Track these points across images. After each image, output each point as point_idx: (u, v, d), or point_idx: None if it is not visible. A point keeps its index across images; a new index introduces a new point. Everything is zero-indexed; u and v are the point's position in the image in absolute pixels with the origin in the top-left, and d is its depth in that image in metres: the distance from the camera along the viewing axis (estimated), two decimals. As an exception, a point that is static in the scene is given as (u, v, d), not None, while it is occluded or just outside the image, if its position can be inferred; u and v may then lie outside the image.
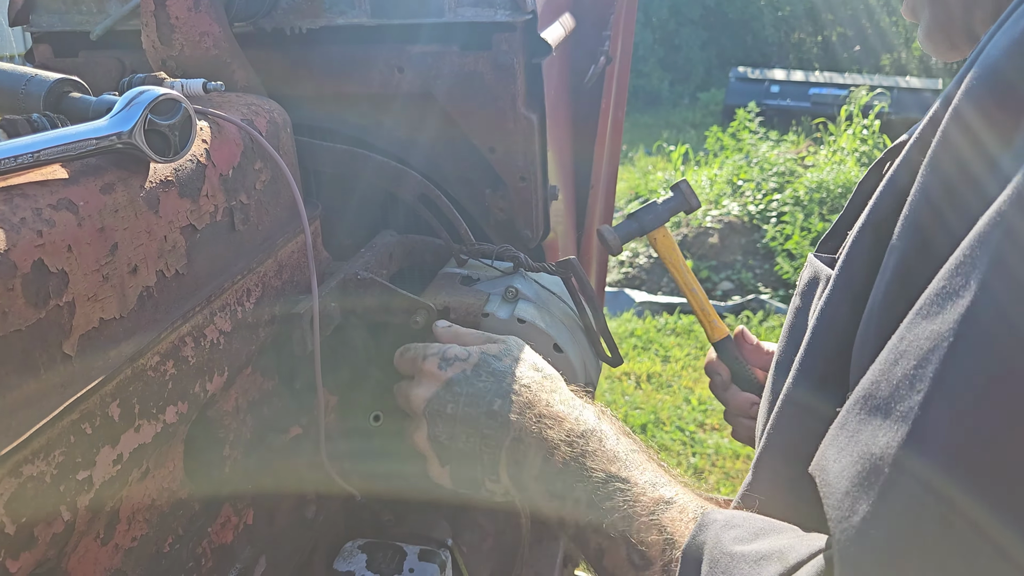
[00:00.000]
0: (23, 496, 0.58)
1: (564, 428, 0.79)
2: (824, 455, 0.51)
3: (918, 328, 0.45)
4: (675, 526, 0.67)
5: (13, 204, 0.60)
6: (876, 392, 0.47)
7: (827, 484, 0.49)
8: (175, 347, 0.75)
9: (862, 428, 0.47)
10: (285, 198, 0.96)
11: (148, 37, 1.02)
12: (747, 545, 0.59)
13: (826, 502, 0.49)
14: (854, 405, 0.49)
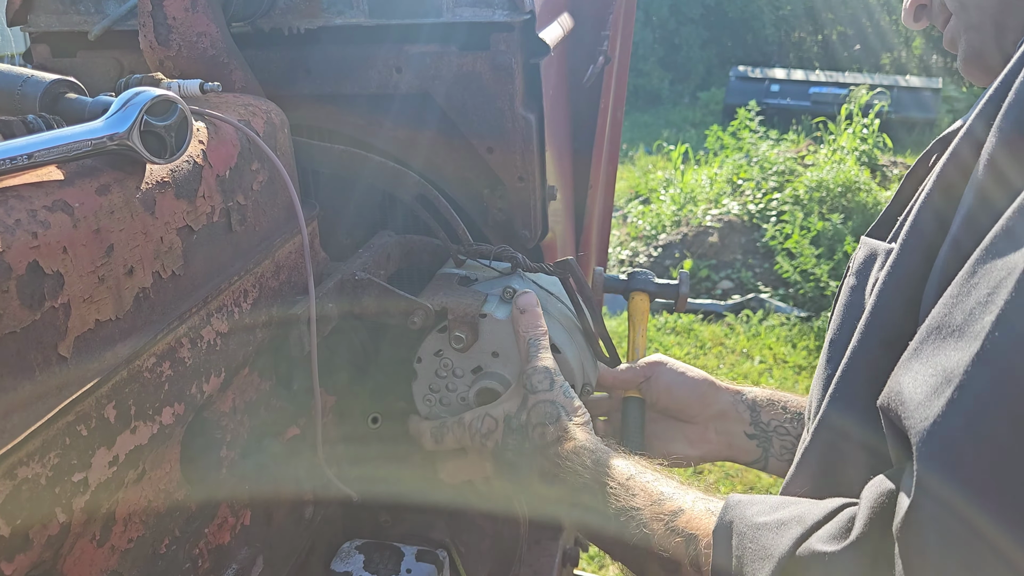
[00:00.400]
0: (18, 498, 0.58)
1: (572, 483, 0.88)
2: (897, 382, 0.57)
3: (989, 263, 0.51)
4: (691, 525, 0.74)
5: (8, 206, 0.60)
6: (949, 321, 0.54)
7: (902, 403, 0.55)
8: (171, 348, 0.75)
9: (936, 352, 0.54)
10: (282, 199, 0.96)
11: (145, 37, 1.02)
12: (769, 516, 0.65)
13: (903, 416, 0.54)
14: (927, 335, 0.56)
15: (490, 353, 1.06)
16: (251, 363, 0.92)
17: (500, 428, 0.96)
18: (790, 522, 0.62)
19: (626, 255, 6.25)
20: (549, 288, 1.17)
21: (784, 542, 0.61)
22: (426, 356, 1.09)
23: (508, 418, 0.96)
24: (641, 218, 6.71)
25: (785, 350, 4.87)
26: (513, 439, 0.95)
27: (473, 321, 1.05)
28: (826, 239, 5.83)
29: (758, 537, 0.64)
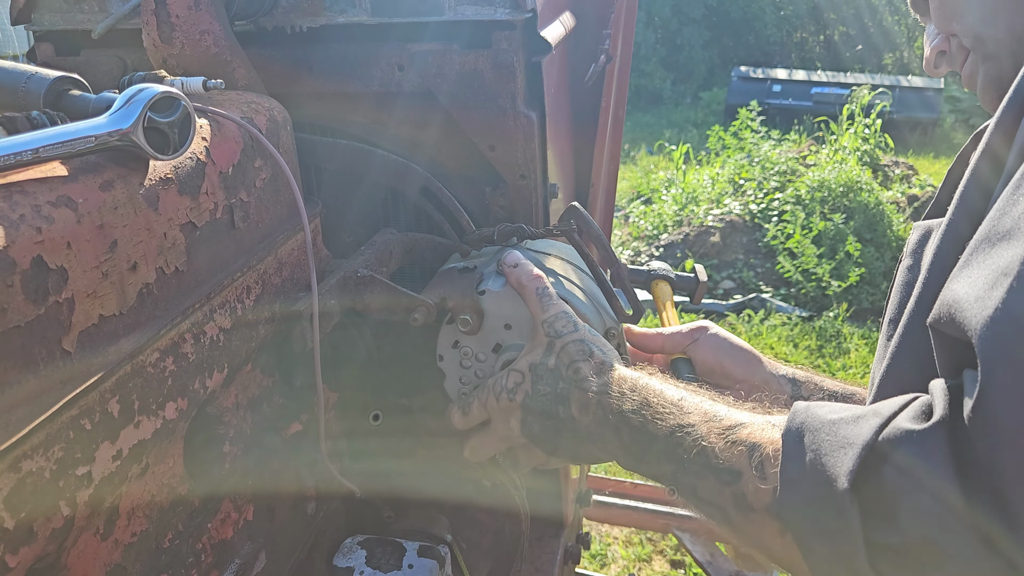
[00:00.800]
0: (22, 491, 0.58)
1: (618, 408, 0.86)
2: (950, 290, 0.58)
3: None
4: (754, 436, 0.73)
5: (12, 201, 0.61)
6: (998, 228, 0.56)
7: (958, 304, 0.56)
8: (175, 344, 0.76)
9: (987, 258, 0.56)
10: (285, 196, 0.97)
11: (149, 35, 1.03)
12: (841, 413, 0.65)
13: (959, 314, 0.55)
14: (978, 244, 0.58)
15: (503, 327, 1.06)
16: (254, 359, 0.92)
17: (528, 378, 0.95)
18: (866, 415, 0.62)
19: (628, 255, 6.25)
20: (547, 250, 1.16)
21: (865, 431, 0.60)
22: (445, 352, 1.09)
23: (534, 367, 0.95)
24: (643, 218, 6.72)
25: (787, 350, 4.87)
26: (544, 384, 0.93)
27: (473, 302, 1.05)
28: (828, 239, 5.83)
29: (835, 430, 0.63)
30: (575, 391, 0.91)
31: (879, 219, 6.07)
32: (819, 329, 5.04)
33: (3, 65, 0.81)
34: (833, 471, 0.60)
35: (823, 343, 4.91)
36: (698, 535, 2.53)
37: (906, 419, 0.59)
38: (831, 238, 5.83)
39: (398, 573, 0.97)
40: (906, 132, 9.82)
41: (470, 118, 1.20)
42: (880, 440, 0.59)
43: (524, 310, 1.04)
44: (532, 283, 1.01)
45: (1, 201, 0.60)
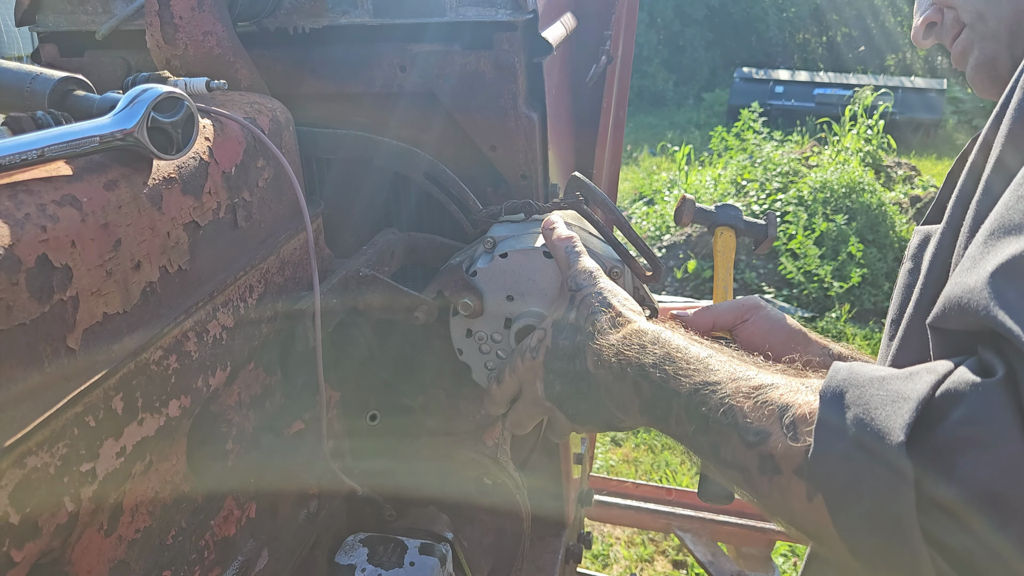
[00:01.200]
0: (27, 487, 0.59)
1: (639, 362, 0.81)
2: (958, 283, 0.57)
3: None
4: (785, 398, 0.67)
5: (18, 200, 0.61)
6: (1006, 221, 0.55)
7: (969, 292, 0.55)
8: (178, 342, 0.76)
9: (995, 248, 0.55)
10: (287, 196, 0.97)
11: (152, 36, 1.03)
12: (890, 371, 0.60)
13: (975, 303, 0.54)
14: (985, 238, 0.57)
15: (505, 299, 1.06)
16: (256, 358, 0.93)
17: (549, 334, 0.92)
18: (919, 372, 0.58)
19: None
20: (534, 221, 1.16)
21: (921, 386, 0.56)
22: (462, 343, 1.10)
23: (556, 322, 0.92)
24: (645, 219, 6.72)
25: (789, 351, 4.87)
26: (563, 338, 0.90)
27: (466, 284, 1.05)
28: (830, 240, 5.83)
29: (885, 385, 0.58)
30: (591, 343, 0.86)
31: (881, 220, 6.07)
32: (821, 330, 5.04)
33: (8, 66, 0.82)
34: (885, 425, 0.56)
35: (825, 344, 4.90)
36: (700, 535, 2.54)
37: (966, 374, 0.55)
38: (833, 239, 5.83)
39: (400, 571, 0.98)
40: (909, 133, 9.82)
41: (471, 118, 1.21)
42: (939, 395, 0.55)
43: (520, 278, 1.04)
44: (562, 243, 0.98)
45: (7, 200, 0.61)
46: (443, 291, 1.06)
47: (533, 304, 1.06)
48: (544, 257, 1.04)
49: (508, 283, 1.06)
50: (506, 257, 1.05)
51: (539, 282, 1.05)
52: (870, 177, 6.60)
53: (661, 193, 7.29)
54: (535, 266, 1.05)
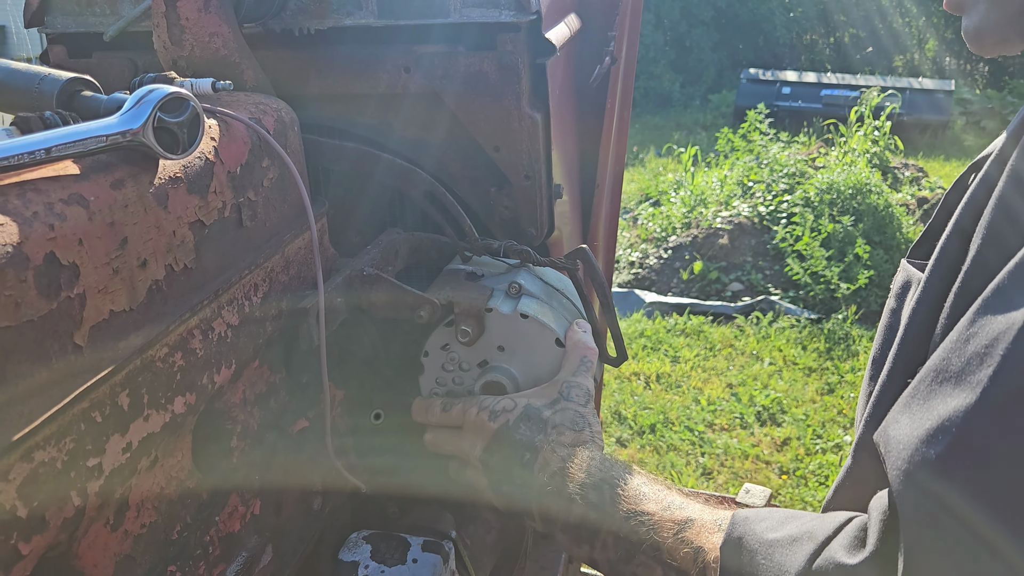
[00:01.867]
0: (35, 481, 0.60)
1: (581, 480, 0.87)
2: (894, 419, 0.58)
3: (990, 314, 0.52)
4: (700, 538, 0.74)
5: (26, 199, 0.62)
6: (948, 366, 0.54)
7: (895, 442, 0.56)
8: (183, 339, 0.77)
9: (933, 395, 0.55)
10: (292, 196, 0.98)
11: (159, 38, 1.04)
12: (778, 532, 0.66)
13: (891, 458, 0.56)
14: (925, 377, 0.57)
15: (496, 347, 1.08)
16: (261, 355, 0.94)
17: (517, 411, 0.96)
18: (801, 538, 0.63)
19: (636, 256, 6.26)
20: (554, 284, 1.18)
21: (799, 558, 0.62)
22: (433, 350, 1.11)
23: (529, 408, 0.97)
24: (651, 220, 6.72)
25: (795, 352, 4.87)
26: (527, 426, 0.95)
27: (479, 315, 1.06)
28: (837, 241, 5.82)
29: (771, 554, 0.65)
30: (547, 448, 0.92)
31: (889, 221, 6.06)
32: (828, 332, 5.03)
33: (17, 67, 0.83)
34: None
35: (832, 345, 4.90)
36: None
37: (839, 548, 0.60)
38: (840, 240, 5.82)
39: (403, 568, 0.99)
40: (916, 134, 9.80)
41: (475, 119, 1.21)
42: (812, 570, 0.60)
43: (522, 341, 1.07)
44: (584, 351, 1.04)
45: (15, 199, 0.62)
46: (455, 304, 1.07)
47: (515, 367, 1.09)
48: (556, 345, 1.08)
49: (510, 338, 1.08)
50: (526, 319, 1.07)
51: (535, 357, 1.09)
52: (877, 178, 6.59)
53: (667, 194, 7.29)
54: (541, 344, 1.08)
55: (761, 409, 4.25)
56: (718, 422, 4.17)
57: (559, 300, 1.16)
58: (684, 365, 4.77)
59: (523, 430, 0.95)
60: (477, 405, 1.00)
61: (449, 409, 1.04)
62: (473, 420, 1.00)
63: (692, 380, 4.60)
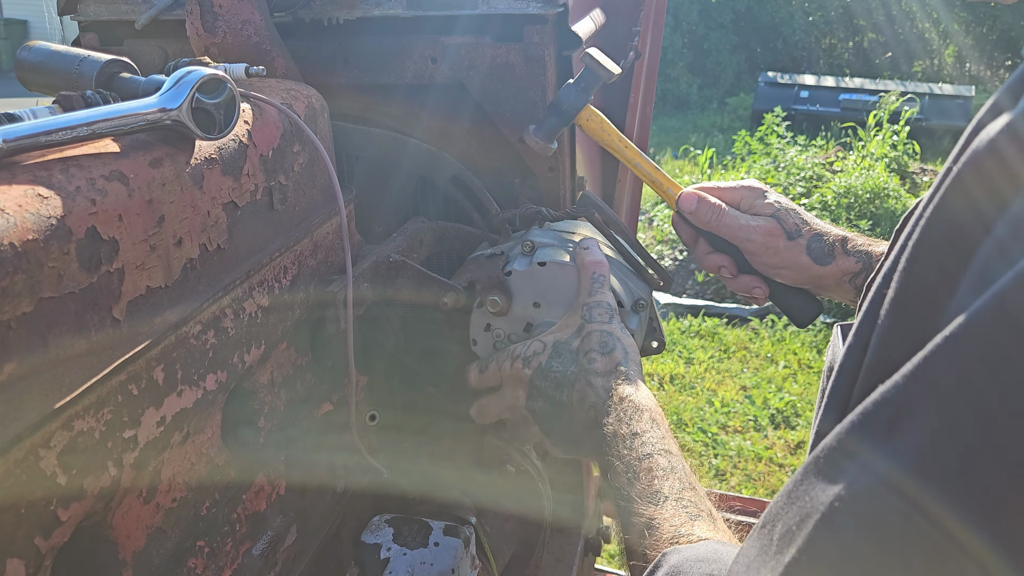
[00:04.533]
0: (74, 449, 0.61)
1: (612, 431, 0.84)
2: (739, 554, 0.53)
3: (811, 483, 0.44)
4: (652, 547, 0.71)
5: (69, 174, 0.64)
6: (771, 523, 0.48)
7: None
8: (216, 318, 0.78)
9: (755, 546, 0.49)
10: (321, 181, 0.99)
11: (192, 24, 1.06)
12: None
13: None
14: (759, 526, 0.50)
15: (532, 305, 1.08)
16: (289, 338, 0.95)
17: (548, 351, 0.95)
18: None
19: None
20: (571, 228, 1.18)
21: None
22: (478, 335, 1.12)
23: (558, 343, 0.95)
24: (667, 222, 6.71)
25: (810, 356, 4.85)
26: (559, 361, 0.93)
27: (500, 282, 1.07)
28: (854, 245, 5.79)
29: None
30: (581, 380, 0.90)
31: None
32: (843, 335, 5.01)
33: (57, 49, 0.85)
34: None
35: (847, 349, 4.88)
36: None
37: None
38: (857, 244, 5.79)
39: (424, 551, 0.99)
40: (935, 139, 9.74)
41: (501, 110, 1.22)
42: None
43: (551, 288, 1.06)
44: (592, 267, 1.02)
45: (59, 173, 0.63)
46: (475, 283, 1.08)
47: (557, 315, 1.08)
48: None
49: (539, 290, 1.08)
50: (543, 266, 1.07)
51: (569, 296, 1.07)
52: (895, 183, 6.56)
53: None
54: (569, 280, 1.07)
55: (775, 412, 4.24)
56: (731, 424, 4.16)
57: (573, 240, 1.16)
58: (698, 367, 4.77)
59: (556, 367, 0.93)
60: (510, 357, 0.99)
61: (484, 370, 1.03)
62: (509, 372, 0.99)
63: (706, 382, 4.59)
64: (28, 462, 0.57)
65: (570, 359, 0.93)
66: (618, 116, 1.61)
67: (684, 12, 14.05)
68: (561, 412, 0.92)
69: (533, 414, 0.95)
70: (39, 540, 0.59)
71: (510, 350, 1.00)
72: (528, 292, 1.08)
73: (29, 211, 0.58)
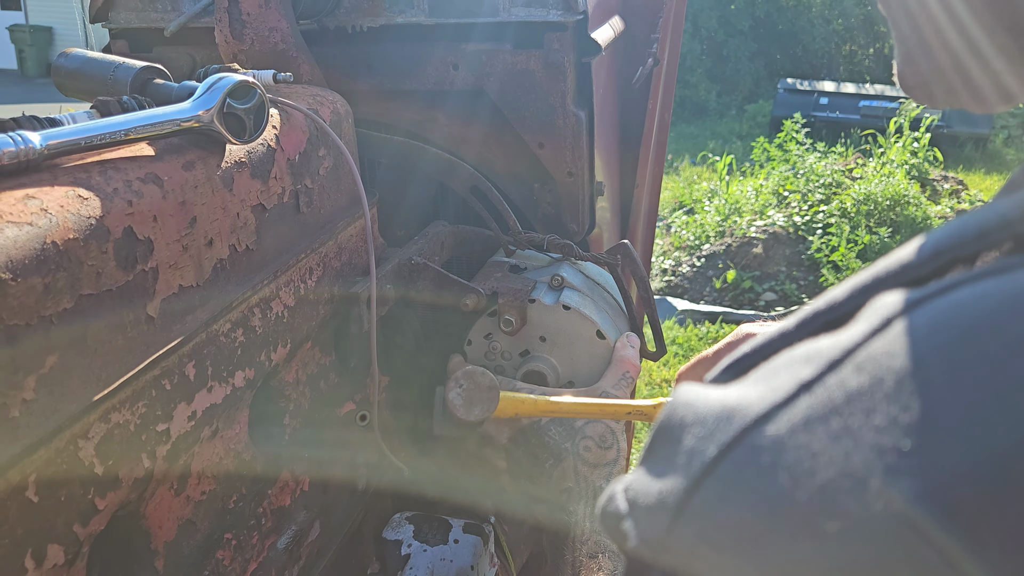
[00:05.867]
0: (111, 440, 0.63)
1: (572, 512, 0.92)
2: None
3: None
4: None
5: (107, 176, 0.66)
6: None
7: None
8: (244, 316, 0.81)
9: None
10: (345, 184, 1.02)
11: (221, 32, 1.09)
12: None
13: None
14: None
15: (538, 337, 1.11)
16: (314, 337, 0.97)
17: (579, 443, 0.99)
18: None
19: (669, 264, 6.25)
20: (596, 278, 1.21)
21: None
22: (476, 339, 1.14)
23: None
24: (685, 228, 6.70)
25: (829, 362, 4.82)
26: (558, 431, 0.97)
27: (522, 306, 1.09)
28: (873, 253, 5.77)
29: None
30: (569, 461, 0.95)
31: (926, 233, 5.98)
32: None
33: (93, 56, 0.87)
34: None
35: (866, 357, 4.85)
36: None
37: None
38: (877, 252, 5.76)
39: (444, 547, 1.01)
40: (956, 147, 9.67)
41: (521, 116, 1.24)
42: None
43: (563, 332, 1.10)
44: (627, 365, 1.06)
45: (97, 175, 0.66)
46: (498, 294, 1.10)
47: (556, 358, 1.13)
48: (597, 337, 1.10)
49: (552, 328, 1.11)
50: (568, 310, 1.09)
51: (576, 349, 1.11)
52: (916, 190, 6.52)
53: (701, 203, 7.27)
54: (584, 336, 1.11)
55: (793, 419, 4.22)
56: (749, 430, 4.15)
57: (600, 293, 1.19)
58: (716, 373, 4.75)
59: (553, 433, 0.97)
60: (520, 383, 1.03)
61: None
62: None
63: (724, 388, 4.58)
64: (68, 452, 0.59)
65: (568, 434, 0.97)
66: (636, 123, 1.62)
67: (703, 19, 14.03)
68: (538, 474, 0.96)
69: (509, 456, 0.99)
70: (77, 527, 0.61)
71: (514, 386, 1.03)
72: (542, 325, 1.11)
73: (70, 211, 0.61)
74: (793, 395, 0.27)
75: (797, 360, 0.28)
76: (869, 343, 0.26)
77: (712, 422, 0.29)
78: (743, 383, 0.30)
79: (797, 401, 0.27)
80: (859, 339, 0.27)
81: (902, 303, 0.27)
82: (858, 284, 0.31)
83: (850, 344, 0.27)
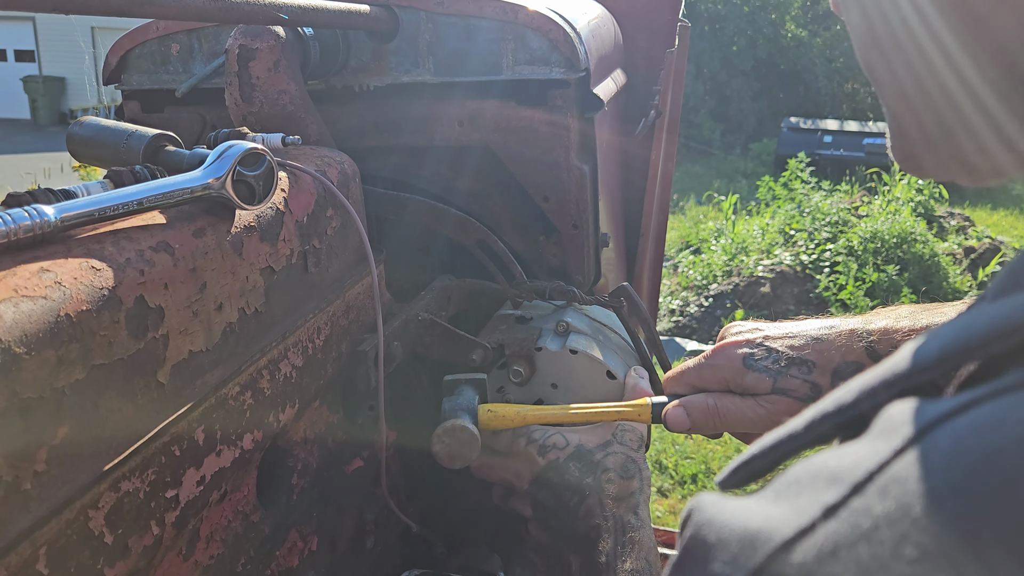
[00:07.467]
0: (120, 509, 0.64)
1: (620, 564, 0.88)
2: None
3: None
4: None
5: (120, 246, 0.68)
6: None
7: None
8: (253, 379, 0.82)
9: None
10: (353, 243, 1.03)
11: (231, 95, 1.11)
12: None
13: None
14: None
15: (549, 385, 1.11)
16: (321, 396, 0.98)
17: (568, 450, 0.98)
18: None
19: (677, 304, 6.25)
20: (602, 320, 1.21)
21: None
22: (489, 394, 1.14)
23: (581, 448, 0.98)
24: (692, 268, 6.71)
25: (840, 402, 4.79)
26: (576, 466, 0.96)
27: (529, 355, 1.09)
28: (881, 291, 5.76)
29: None
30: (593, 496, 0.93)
31: (935, 271, 5.98)
32: (873, 381, 4.95)
33: (106, 124, 0.90)
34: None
35: (877, 396, 4.82)
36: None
37: None
38: (885, 289, 5.75)
39: (453, 606, 1.01)
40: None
41: (525, 171, 1.26)
42: None
43: (573, 376, 1.10)
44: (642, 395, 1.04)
45: (110, 246, 0.67)
46: (505, 346, 1.11)
47: (568, 402, 1.12)
48: (607, 378, 1.10)
49: (562, 374, 1.11)
50: (575, 354, 1.10)
51: (588, 392, 1.11)
52: (922, 227, 6.53)
53: (708, 242, 7.29)
54: (594, 378, 1.11)
55: (805, 460, 4.18)
56: (761, 473, 4.11)
57: (606, 334, 1.19)
58: (726, 414, 4.73)
59: (572, 470, 0.96)
60: (526, 436, 1.01)
61: (497, 434, 1.05)
62: (522, 451, 1.01)
63: (734, 429, 4.55)
64: (78, 523, 0.60)
65: (588, 469, 0.96)
66: (640, 172, 1.64)
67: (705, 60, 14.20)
68: (564, 514, 0.95)
69: (532, 500, 0.98)
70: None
71: (528, 430, 1.02)
72: (551, 373, 1.11)
73: (83, 283, 0.62)
74: (818, 520, 0.27)
75: (820, 480, 0.28)
76: (891, 465, 0.26)
77: (736, 545, 0.29)
78: (763, 497, 0.30)
79: (823, 526, 0.27)
80: (881, 460, 0.27)
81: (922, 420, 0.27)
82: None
83: (872, 466, 0.27)
